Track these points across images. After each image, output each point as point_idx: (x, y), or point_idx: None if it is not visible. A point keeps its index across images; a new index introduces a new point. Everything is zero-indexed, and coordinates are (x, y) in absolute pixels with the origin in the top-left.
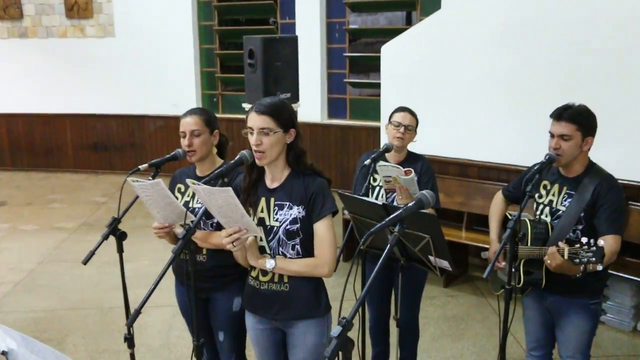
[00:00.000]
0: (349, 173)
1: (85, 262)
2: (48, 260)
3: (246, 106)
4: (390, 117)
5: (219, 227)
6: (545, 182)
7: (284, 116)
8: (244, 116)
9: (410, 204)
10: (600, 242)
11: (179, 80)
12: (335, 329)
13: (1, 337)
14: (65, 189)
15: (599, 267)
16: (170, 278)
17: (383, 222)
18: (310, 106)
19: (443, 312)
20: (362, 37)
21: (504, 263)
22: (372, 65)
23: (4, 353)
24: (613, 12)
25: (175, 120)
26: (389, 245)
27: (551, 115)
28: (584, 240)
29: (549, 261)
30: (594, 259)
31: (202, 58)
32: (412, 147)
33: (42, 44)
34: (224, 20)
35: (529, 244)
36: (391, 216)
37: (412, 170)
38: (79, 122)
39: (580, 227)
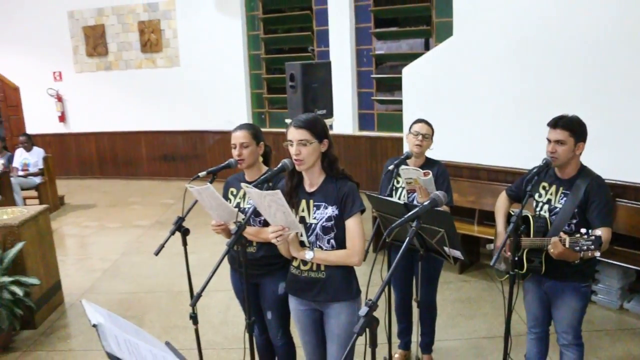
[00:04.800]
0: (378, 177)
1: (156, 254)
2: (129, 252)
3: (289, 122)
4: (410, 127)
5: (266, 223)
6: (544, 183)
7: (318, 129)
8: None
9: (425, 203)
10: (597, 232)
11: (233, 100)
12: (363, 309)
13: (92, 313)
14: (141, 193)
15: (597, 254)
16: (226, 267)
17: (402, 219)
18: (344, 120)
19: (458, 295)
20: (386, 61)
21: (509, 253)
22: (395, 85)
23: (94, 326)
24: (609, 30)
25: (230, 134)
26: (407, 237)
27: (548, 124)
28: (583, 230)
29: (552, 249)
30: (592, 246)
31: (252, 82)
32: (430, 153)
33: (123, 74)
34: (270, 49)
35: (531, 235)
36: (409, 213)
37: (430, 172)
38: (152, 137)
39: (574, 221)
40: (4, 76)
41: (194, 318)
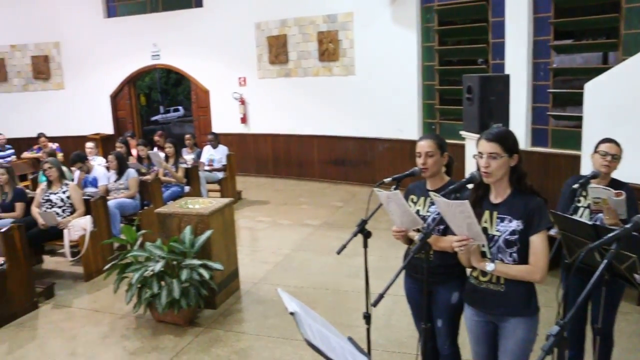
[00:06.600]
0: (548, 194)
1: (339, 252)
2: (298, 248)
3: (464, 133)
4: (597, 147)
5: (445, 232)
6: None
7: (509, 143)
8: (458, 141)
9: (627, 226)
10: None
11: (404, 110)
12: (553, 328)
13: (288, 302)
14: (311, 194)
15: None
16: (394, 271)
17: (602, 240)
18: (516, 135)
19: (636, 327)
20: (560, 75)
21: None
22: (570, 100)
23: (292, 314)
24: None
25: (400, 142)
26: (605, 260)
27: None
28: None
29: None
30: None
31: (424, 92)
32: (614, 174)
33: (301, 81)
34: (443, 61)
35: None
36: (609, 235)
37: (623, 193)
38: (324, 142)
39: None
40: (197, 80)
41: (367, 318)
